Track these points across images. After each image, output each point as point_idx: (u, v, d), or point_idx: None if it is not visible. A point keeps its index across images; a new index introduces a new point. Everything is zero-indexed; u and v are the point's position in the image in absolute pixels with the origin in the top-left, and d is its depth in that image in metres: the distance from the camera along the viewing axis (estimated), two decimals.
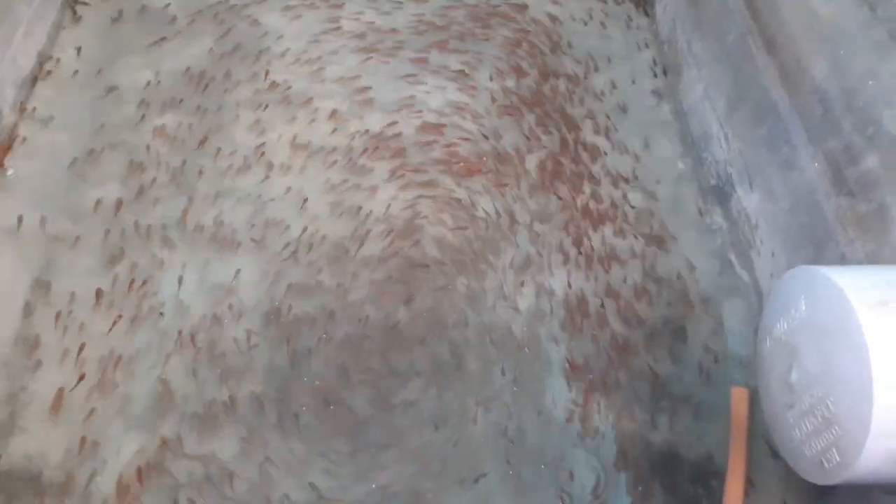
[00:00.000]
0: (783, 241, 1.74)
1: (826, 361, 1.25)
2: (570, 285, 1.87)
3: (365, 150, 2.05)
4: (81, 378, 1.58)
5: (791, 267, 1.66)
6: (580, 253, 1.94)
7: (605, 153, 2.16)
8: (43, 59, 2.07)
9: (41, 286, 1.70)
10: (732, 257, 1.97)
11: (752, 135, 1.89)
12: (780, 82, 1.78)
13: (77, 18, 2.21)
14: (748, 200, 1.91)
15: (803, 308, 1.32)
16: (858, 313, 1.17)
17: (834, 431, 1.23)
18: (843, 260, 1.52)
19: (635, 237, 1.98)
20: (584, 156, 2.14)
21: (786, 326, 1.38)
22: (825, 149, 1.60)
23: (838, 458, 1.22)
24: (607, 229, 1.99)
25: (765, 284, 1.82)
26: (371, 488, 1.54)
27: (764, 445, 1.65)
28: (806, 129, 1.67)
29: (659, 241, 1.99)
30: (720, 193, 2.05)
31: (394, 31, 2.36)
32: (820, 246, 1.60)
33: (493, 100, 2.23)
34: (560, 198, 2.03)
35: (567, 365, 1.75)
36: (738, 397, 1.71)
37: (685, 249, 1.99)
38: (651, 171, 2.14)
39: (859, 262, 1.47)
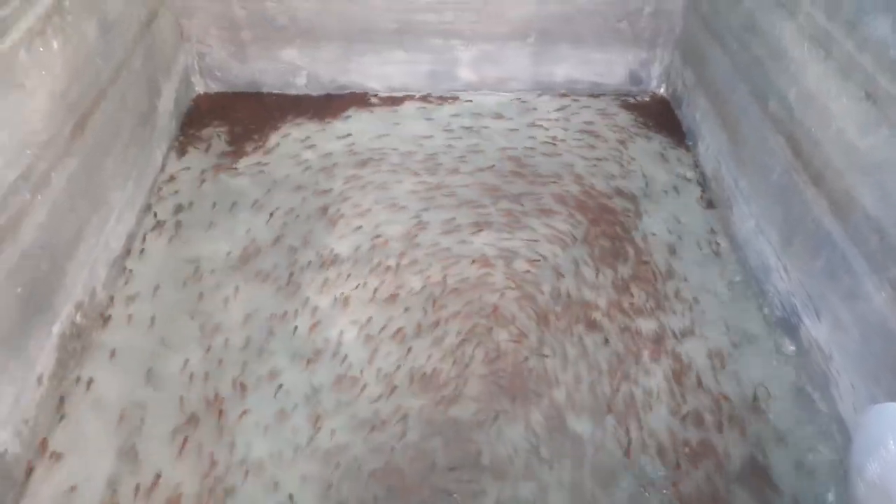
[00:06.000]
0: (860, 373, 1.69)
1: None
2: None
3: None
4: None
5: (874, 398, 1.61)
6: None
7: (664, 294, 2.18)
8: (131, 240, 2.27)
9: (125, 455, 1.75)
10: (810, 390, 1.90)
11: (810, 266, 1.89)
12: (831, 214, 1.80)
13: (159, 204, 2.45)
14: (818, 331, 1.87)
15: (892, 447, 1.26)
16: None
17: None
18: None
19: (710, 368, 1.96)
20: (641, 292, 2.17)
21: (877, 468, 1.31)
22: (890, 276, 1.59)
23: None
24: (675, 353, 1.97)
25: (849, 418, 1.74)
26: None
27: None
28: (866, 259, 1.67)
29: (729, 372, 1.95)
30: (787, 325, 2.01)
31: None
32: None
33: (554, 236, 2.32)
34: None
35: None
36: None
37: (759, 382, 1.93)
38: (711, 307, 2.14)
39: None
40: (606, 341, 2.03)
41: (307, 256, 2.28)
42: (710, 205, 2.50)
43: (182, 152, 2.67)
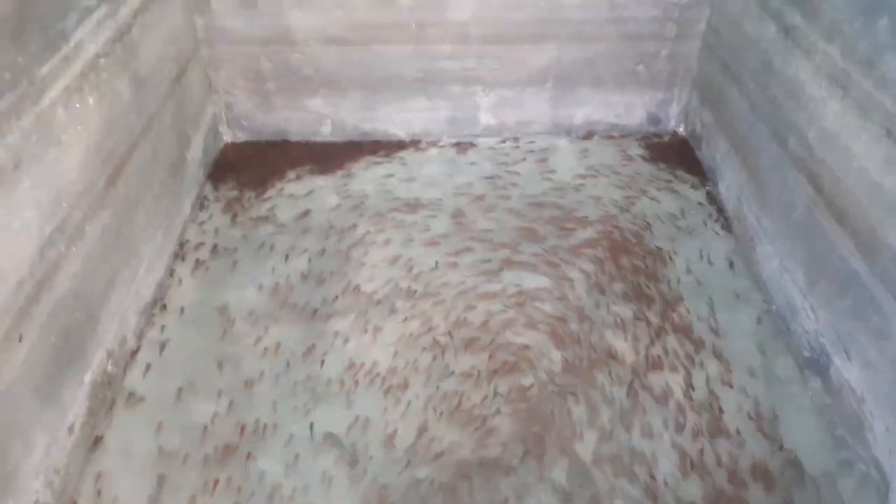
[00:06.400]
0: (895, 416, 1.65)
1: None
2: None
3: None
4: None
5: None
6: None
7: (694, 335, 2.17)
8: (161, 287, 2.32)
9: (158, 498, 1.76)
10: (843, 434, 1.86)
11: (837, 305, 1.87)
12: (856, 252, 1.79)
13: (188, 251, 2.51)
14: (848, 372, 1.84)
15: None
16: None
17: None
18: None
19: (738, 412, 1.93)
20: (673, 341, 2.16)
21: None
22: None
23: None
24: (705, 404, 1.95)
25: (885, 462, 1.70)
26: None
27: None
28: (895, 298, 1.65)
29: (759, 418, 1.92)
30: (817, 366, 1.98)
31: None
32: None
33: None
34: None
35: None
36: None
37: (792, 427, 1.90)
38: (739, 351, 2.12)
39: None
40: (632, 386, 2.01)
41: (334, 293, 2.32)
42: (734, 244, 2.49)
43: (210, 200, 2.74)
